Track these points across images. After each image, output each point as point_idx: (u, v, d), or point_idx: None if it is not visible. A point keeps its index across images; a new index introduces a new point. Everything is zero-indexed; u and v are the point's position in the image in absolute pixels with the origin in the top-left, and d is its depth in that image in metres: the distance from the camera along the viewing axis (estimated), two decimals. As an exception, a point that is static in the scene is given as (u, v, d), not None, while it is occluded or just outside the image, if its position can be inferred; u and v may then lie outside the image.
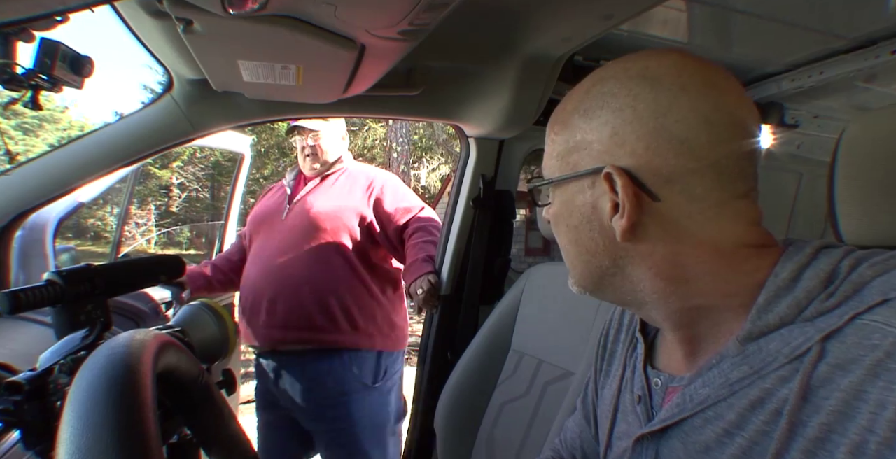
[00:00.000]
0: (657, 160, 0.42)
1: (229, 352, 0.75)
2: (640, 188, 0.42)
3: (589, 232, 0.47)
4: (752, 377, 0.40)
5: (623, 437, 0.53)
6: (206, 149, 12.66)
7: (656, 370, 0.52)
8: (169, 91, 1.20)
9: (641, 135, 0.42)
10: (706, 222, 0.42)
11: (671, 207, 0.42)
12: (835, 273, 0.39)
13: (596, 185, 0.45)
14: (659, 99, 0.42)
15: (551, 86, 1.30)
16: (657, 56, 0.45)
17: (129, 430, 0.28)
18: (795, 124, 1.66)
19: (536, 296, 1.22)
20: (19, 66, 0.73)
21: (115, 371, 0.31)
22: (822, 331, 0.37)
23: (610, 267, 0.47)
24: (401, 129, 6.68)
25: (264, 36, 0.85)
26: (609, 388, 0.60)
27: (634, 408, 0.52)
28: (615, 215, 0.44)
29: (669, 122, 0.42)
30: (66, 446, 0.27)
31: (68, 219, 1.35)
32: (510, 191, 1.63)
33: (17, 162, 1.16)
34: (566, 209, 0.49)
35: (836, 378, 0.35)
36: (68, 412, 0.28)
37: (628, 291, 0.47)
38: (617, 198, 0.43)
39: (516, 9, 1.02)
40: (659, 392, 0.50)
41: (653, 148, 0.42)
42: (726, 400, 0.41)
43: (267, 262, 1.52)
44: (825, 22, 1.16)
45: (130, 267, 0.66)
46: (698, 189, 0.42)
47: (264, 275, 1.50)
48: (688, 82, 0.42)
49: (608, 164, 0.43)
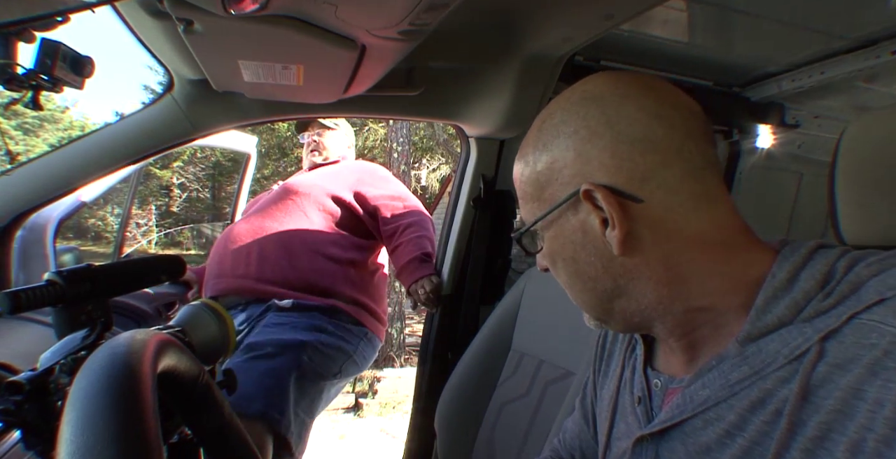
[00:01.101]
0: (626, 164, 0.43)
1: (230, 352, 0.75)
2: (620, 195, 0.43)
3: (585, 258, 0.47)
4: (752, 378, 0.40)
5: (622, 438, 0.53)
6: (207, 150, 12.67)
7: (656, 371, 0.52)
8: (169, 91, 1.21)
9: (603, 147, 0.44)
10: (688, 214, 0.43)
11: (654, 205, 0.43)
12: (831, 273, 0.40)
13: (579, 208, 0.46)
14: (607, 111, 0.45)
15: (552, 86, 1.30)
16: (592, 79, 0.48)
17: (130, 430, 0.28)
18: (796, 124, 1.66)
19: (537, 296, 1.22)
20: (20, 67, 0.73)
21: (115, 371, 0.31)
22: (821, 331, 0.37)
23: (613, 289, 0.47)
24: (401, 130, 6.67)
25: (265, 36, 0.85)
26: (607, 389, 0.60)
27: (634, 409, 0.52)
28: (607, 230, 0.44)
29: (624, 127, 0.44)
30: (67, 446, 0.27)
31: (69, 219, 1.35)
32: (511, 191, 1.63)
33: (17, 162, 1.16)
34: (558, 244, 0.49)
35: (835, 377, 0.35)
36: (69, 412, 0.28)
37: (635, 312, 0.47)
38: (603, 212, 0.44)
39: (516, 9, 1.02)
40: (659, 393, 0.50)
41: (618, 154, 0.44)
42: (726, 401, 0.41)
43: (239, 226, 1.55)
44: (826, 22, 1.16)
45: (131, 267, 0.66)
46: (672, 181, 0.43)
47: (228, 235, 1.54)
48: (626, 91, 0.45)
49: (583, 183, 0.44)
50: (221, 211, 15.77)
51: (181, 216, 15.18)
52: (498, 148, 1.58)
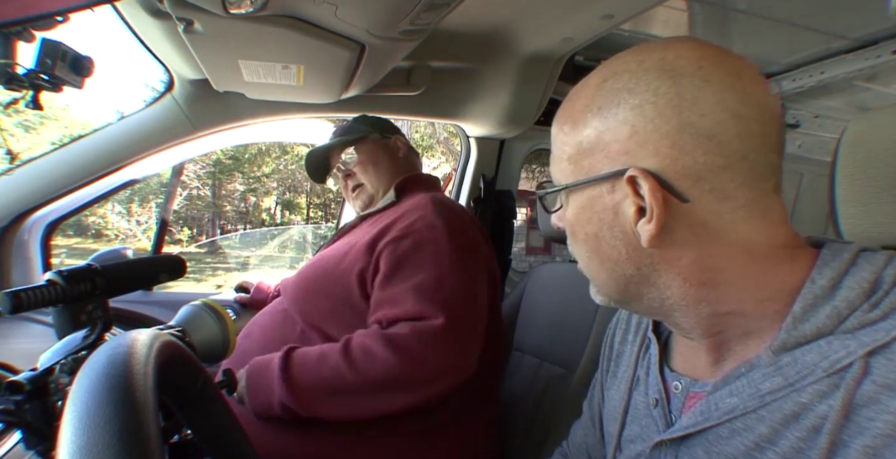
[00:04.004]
0: (685, 158, 0.39)
1: (229, 352, 0.75)
2: (667, 190, 0.39)
3: (610, 240, 0.43)
4: (786, 389, 0.37)
5: (636, 440, 0.51)
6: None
7: (675, 373, 0.49)
8: (170, 91, 1.21)
9: (665, 132, 0.39)
10: (737, 222, 0.39)
11: (700, 208, 0.39)
12: (878, 281, 0.36)
13: (616, 189, 0.42)
14: (681, 93, 0.39)
15: (552, 86, 1.30)
16: (674, 46, 0.41)
17: (130, 430, 0.28)
18: (796, 124, 1.66)
19: (538, 297, 1.22)
20: (20, 66, 0.73)
21: (116, 370, 0.31)
22: (866, 346, 0.34)
23: (635, 275, 0.43)
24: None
25: (265, 36, 0.85)
26: (617, 389, 0.58)
27: (650, 412, 0.50)
28: (640, 220, 0.40)
29: (694, 117, 0.38)
30: (67, 446, 0.27)
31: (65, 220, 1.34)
32: (511, 191, 1.63)
33: (18, 160, 1.15)
34: (583, 216, 0.45)
35: (884, 398, 0.33)
36: (69, 412, 0.28)
37: (655, 299, 0.44)
38: (642, 201, 0.40)
39: (516, 9, 1.02)
40: (679, 396, 0.47)
41: (678, 146, 0.39)
42: (756, 412, 0.39)
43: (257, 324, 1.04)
44: (826, 22, 1.16)
45: (131, 267, 0.66)
46: (729, 186, 0.39)
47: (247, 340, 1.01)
48: (710, 73, 0.39)
49: (630, 166, 0.40)
50: (222, 208, 15.78)
51: (181, 213, 15.18)
52: (498, 148, 1.58)
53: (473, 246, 0.97)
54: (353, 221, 1.13)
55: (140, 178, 1.37)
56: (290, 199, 16.65)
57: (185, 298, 1.20)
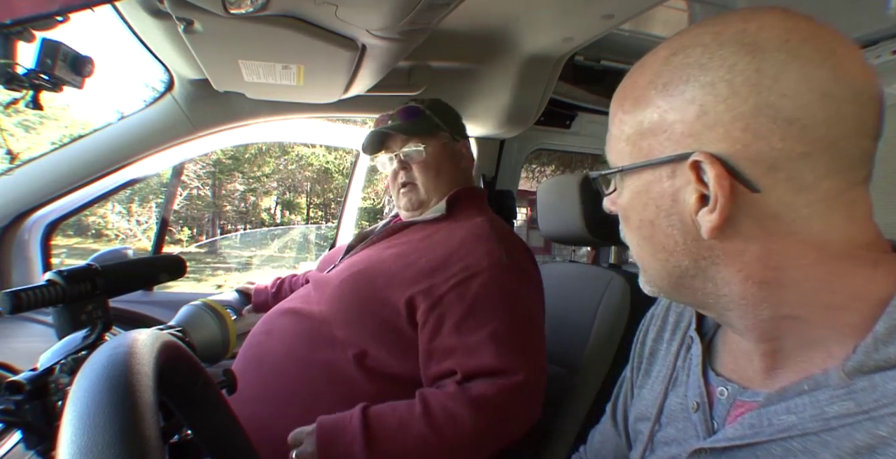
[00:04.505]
0: (758, 144, 0.34)
1: (229, 352, 0.75)
2: (736, 178, 0.35)
3: (666, 228, 0.40)
4: (859, 417, 0.33)
5: (671, 443, 0.48)
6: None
7: (721, 377, 0.45)
8: (170, 91, 1.21)
9: (739, 114, 0.34)
10: (814, 217, 0.35)
11: (772, 200, 0.35)
12: None
13: (677, 174, 0.38)
14: (762, 69, 0.34)
15: (552, 86, 1.30)
16: (756, 16, 0.36)
17: (130, 430, 0.28)
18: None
19: (536, 296, 1.21)
20: (20, 66, 0.73)
21: (116, 371, 0.31)
22: None
23: (690, 267, 0.40)
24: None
25: (265, 36, 0.85)
26: (650, 389, 0.55)
27: (689, 415, 0.47)
28: (702, 209, 0.36)
29: (775, 98, 0.34)
30: (68, 446, 0.27)
31: (65, 220, 1.34)
32: (511, 191, 1.63)
33: (18, 160, 1.16)
34: (639, 201, 0.41)
35: None
36: (69, 412, 0.28)
37: (710, 294, 0.40)
38: (706, 189, 0.36)
39: (516, 9, 1.03)
40: (724, 403, 0.44)
41: (752, 129, 0.34)
42: (818, 435, 0.35)
43: (262, 342, 0.94)
44: (826, 22, 1.16)
45: (131, 267, 0.66)
46: (809, 177, 0.34)
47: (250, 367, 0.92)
48: (798, 47, 0.34)
49: (695, 150, 0.36)
50: (222, 208, 15.78)
51: (181, 213, 15.18)
52: (498, 148, 1.58)
53: (537, 283, 0.96)
54: (397, 225, 1.05)
55: (140, 178, 1.37)
56: (290, 199, 16.65)
57: (185, 298, 1.20)
